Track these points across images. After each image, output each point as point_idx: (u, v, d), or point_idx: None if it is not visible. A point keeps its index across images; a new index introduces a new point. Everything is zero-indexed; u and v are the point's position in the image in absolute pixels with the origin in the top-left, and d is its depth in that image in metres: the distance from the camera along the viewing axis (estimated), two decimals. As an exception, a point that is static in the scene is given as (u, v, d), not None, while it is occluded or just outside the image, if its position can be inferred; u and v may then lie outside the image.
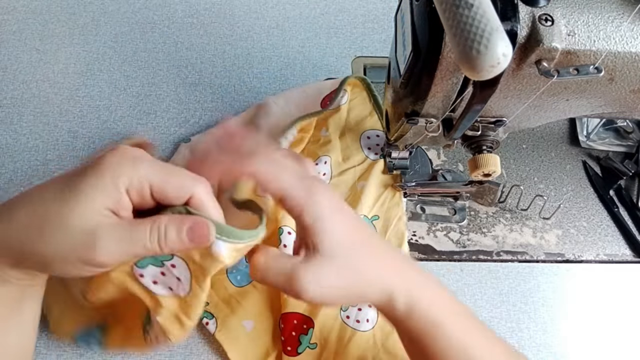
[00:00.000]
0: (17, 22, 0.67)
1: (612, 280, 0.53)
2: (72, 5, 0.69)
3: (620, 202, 0.57)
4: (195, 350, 0.48)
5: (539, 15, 0.33)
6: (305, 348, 0.47)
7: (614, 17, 0.34)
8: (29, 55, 0.64)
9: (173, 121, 0.61)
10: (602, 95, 0.39)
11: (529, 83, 0.36)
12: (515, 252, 0.54)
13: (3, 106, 0.60)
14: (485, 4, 0.26)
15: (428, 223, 0.55)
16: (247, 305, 0.49)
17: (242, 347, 0.47)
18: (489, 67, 0.25)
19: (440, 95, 0.38)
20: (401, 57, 0.39)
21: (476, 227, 0.55)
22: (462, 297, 0.51)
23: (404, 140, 0.48)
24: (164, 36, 0.67)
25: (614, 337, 0.50)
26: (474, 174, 0.44)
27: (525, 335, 0.50)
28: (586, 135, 0.60)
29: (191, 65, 0.65)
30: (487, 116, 0.41)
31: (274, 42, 0.67)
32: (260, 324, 0.48)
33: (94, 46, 0.65)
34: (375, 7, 0.71)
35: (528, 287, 0.52)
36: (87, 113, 0.61)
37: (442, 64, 0.34)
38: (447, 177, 0.56)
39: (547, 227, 0.55)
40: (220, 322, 0.48)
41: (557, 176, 0.59)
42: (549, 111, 0.42)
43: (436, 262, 0.53)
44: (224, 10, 0.70)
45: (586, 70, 0.33)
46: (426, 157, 0.58)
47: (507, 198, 0.56)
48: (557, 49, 0.33)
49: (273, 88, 0.64)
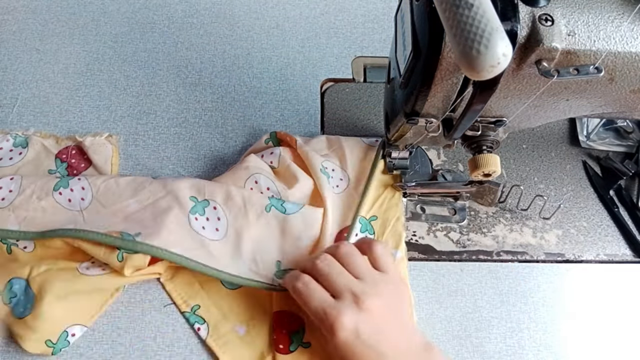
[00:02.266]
0: (17, 22, 0.67)
1: (612, 280, 0.53)
2: (72, 5, 0.69)
3: (620, 202, 0.57)
4: (196, 350, 0.48)
5: (539, 15, 0.33)
6: (297, 346, 0.47)
7: (614, 17, 0.34)
8: (29, 55, 0.64)
9: (173, 121, 0.61)
10: (602, 95, 0.39)
11: (529, 83, 0.36)
12: (515, 252, 0.54)
13: (3, 106, 0.60)
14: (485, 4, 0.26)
15: (428, 223, 0.55)
16: (239, 310, 0.49)
17: (236, 351, 0.47)
18: (489, 67, 0.25)
19: (440, 95, 0.38)
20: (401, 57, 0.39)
21: (476, 227, 0.55)
22: (462, 297, 0.52)
23: (404, 140, 0.48)
24: (164, 36, 0.67)
25: (614, 337, 0.50)
26: (474, 174, 0.44)
27: (525, 335, 0.50)
28: (586, 135, 0.60)
29: (191, 65, 0.65)
30: (487, 116, 0.41)
31: (274, 42, 0.67)
32: (253, 328, 0.48)
33: (94, 46, 0.66)
34: (375, 7, 0.71)
35: (528, 287, 0.52)
36: (87, 113, 0.61)
37: (442, 64, 0.34)
38: (447, 177, 0.56)
39: (547, 227, 0.55)
40: (212, 327, 0.48)
41: (557, 176, 0.59)
42: (549, 111, 0.42)
43: (436, 262, 0.53)
44: (224, 10, 0.70)
45: (586, 70, 0.33)
46: (426, 157, 0.58)
47: (507, 198, 0.56)
48: (557, 49, 0.33)
49: (273, 88, 0.64)
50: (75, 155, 0.56)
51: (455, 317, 0.51)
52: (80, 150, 0.57)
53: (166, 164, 0.58)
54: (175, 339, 0.48)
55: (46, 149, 0.56)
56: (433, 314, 0.51)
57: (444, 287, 0.52)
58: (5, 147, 0.56)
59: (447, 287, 0.52)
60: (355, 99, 0.63)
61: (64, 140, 0.57)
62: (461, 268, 0.53)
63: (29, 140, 0.57)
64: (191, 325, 0.48)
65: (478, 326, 0.50)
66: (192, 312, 0.49)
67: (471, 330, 0.50)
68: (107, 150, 0.56)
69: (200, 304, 0.49)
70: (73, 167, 0.55)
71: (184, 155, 0.58)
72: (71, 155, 0.56)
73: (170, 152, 0.59)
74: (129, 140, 0.59)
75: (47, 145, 0.56)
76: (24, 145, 0.56)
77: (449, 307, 0.51)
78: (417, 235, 0.54)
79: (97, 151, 0.56)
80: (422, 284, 0.52)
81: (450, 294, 0.52)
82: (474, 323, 0.51)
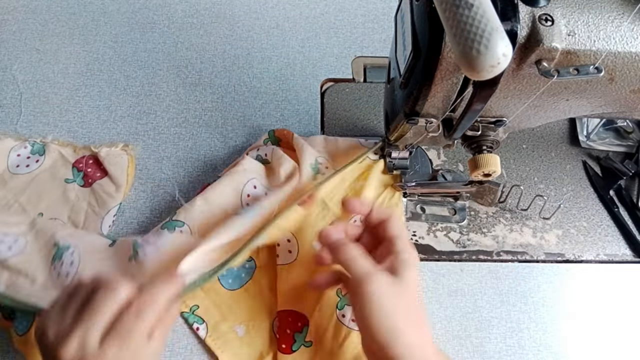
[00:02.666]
0: (17, 22, 0.67)
1: (612, 280, 0.53)
2: (72, 5, 0.69)
3: (620, 202, 0.57)
4: (196, 350, 0.48)
5: (539, 15, 0.33)
6: (300, 346, 0.47)
7: (614, 17, 0.34)
8: (29, 55, 0.64)
9: (173, 121, 0.61)
10: (602, 95, 0.39)
11: (529, 83, 0.36)
12: (515, 252, 0.54)
13: (3, 106, 0.60)
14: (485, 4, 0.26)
15: (428, 223, 0.55)
16: (238, 310, 0.49)
17: (234, 351, 0.47)
18: (489, 67, 0.25)
19: (440, 95, 0.38)
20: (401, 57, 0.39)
21: (476, 227, 0.55)
22: (462, 297, 0.52)
23: (404, 140, 0.48)
24: (164, 36, 0.67)
25: (614, 337, 0.50)
26: (474, 174, 0.44)
27: (525, 335, 0.50)
28: (586, 135, 0.60)
29: (191, 65, 0.65)
30: (487, 116, 0.41)
31: (274, 42, 0.67)
32: (252, 328, 0.48)
33: (94, 46, 0.66)
34: (375, 7, 0.71)
35: (528, 287, 0.52)
36: (87, 113, 0.61)
37: (442, 64, 0.34)
38: (447, 177, 0.56)
39: (547, 227, 0.55)
40: (211, 327, 0.48)
41: (557, 176, 0.59)
42: (549, 111, 0.42)
43: (436, 262, 0.53)
44: (224, 10, 0.70)
45: (586, 70, 0.33)
46: (426, 157, 0.58)
47: (507, 198, 0.56)
48: (557, 49, 0.33)
49: (273, 88, 0.64)
50: (91, 165, 0.56)
51: (455, 317, 0.51)
52: (97, 160, 0.56)
53: (166, 164, 0.58)
54: (175, 339, 0.48)
55: (63, 157, 0.56)
56: (433, 314, 0.51)
57: (444, 287, 0.52)
58: (23, 154, 0.56)
59: (447, 287, 0.52)
60: (355, 99, 0.63)
61: (82, 150, 0.57)
62: (461, 268, 0.53)
63: (47, 148, 0.56)
64: (190, 326, 0.48)
65: (478, 326, 0.50)
66: (191, 312, 0.49)
67: (471, 330, 0.50)
68: (122, 160, 0.56)
69: (199, 305, 0.49)
70: (89, 177, 0.55)
71: (184, 155, 0.58)
72: (87, 165, 0.56)
73: (170, 152, 0.59)
74: (129, 141, 0.59)
75: (64, 154, 0.56)
76: (41, 153, 0.56)
77: (449, 307, 0.51)
78: (417, 235, 0.54)
79: (113, 162, 0.56)
80: (422, 284, 0.52)
81: (450, 294, 0.52)
82: (474, 323, 0.51)
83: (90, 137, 0.59)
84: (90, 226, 0.53)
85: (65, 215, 0.53)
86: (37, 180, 0.55)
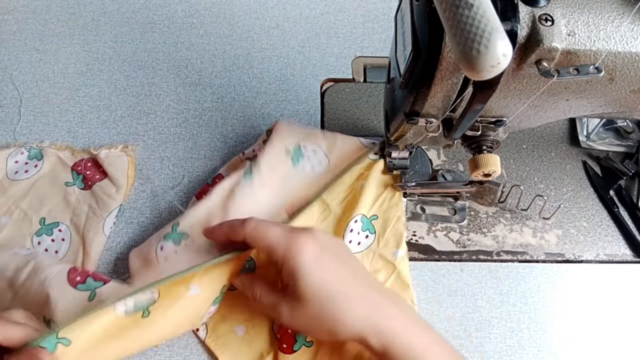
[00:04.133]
0: (17, 22, 0.67)
1: (612, 280, 0.53)
2: (72, 5, 0.69)
3: (620, 202, 0.57)
4: (195, 350, 0.48)
5: (539, 15, 0.33)
6: (301, 346, 0.47)
7: (614, 17, 0.34)
8: (29, 55, 0.64)
9: (173, 121, 0.61)
10: (602, 95, 0.39)
11: (529, 83, 0.36)
12: (515, 252, 0.54)
13: (3, 106, 0.60)
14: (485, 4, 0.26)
15: (428, 223, 0.55)
16: (238, 310, 0.49)
17: (234, 351, 0.47)
18: (489, 67, 0.25)
19: (440, 95, 0.38)
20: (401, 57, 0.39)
21: (476, 227, 0.55)
22: (462, 297, 0.52)
23: (404, 140, 0.48)
24: (164, 36, 0.67)
25: (613, 337, 0.50)
26: (474, 174, 0.44)
27: (525, 335, 0.50)
28: (586, 135, 0.60)
29: (191, 65, 0.65)
30: (487, 116, 0.41)
31: (274, 42, 0.67)
32: (252, 329, 0.48)
33: (94, 46, 0.66)
34: (375, 7, 0.71)
35: (528, 287, 0.52)
36: (87, 113, 0.61)
37: (442, 64, 0.34)
38: (447, 177, 0.56)
39: (547, 227, 0.55)
40: (211, 328, 0.48)
41: (557, 176, 0.59)
42: (549, 111, 0.42)
43: (436, 262, 0.53)
44: (224, 10, 0.70)
45: (586, 70, 0.33)
46: (426, 157, 0.58)
47: (507, 198, 0.56)
48: (557, 49, 0.33)
49: (273, 88, 0.64)
50: (90, 167, 0.56)
51: (455, 317, 0.51)
52: (96, 162, 0.56)
53: (166, 164, 0.58)
54: (175, 339, 0.48)
55: (62, 161, 0.56)
56: (433, 314, 0.51)
57: (444, 287, 0.52)
58: (21, 160, 0.56)
59: (447, 287, 0.52)
60: (355, 99, 0.63)
61: (80, 153, 0.57)
62: (461, 268, 0.53)
63: (44, 153, 0.56)
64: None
65: (478, 326, 0.50)
66: None
67: (471, 330, 0.50)
68: (122, 162, 0.56)
69: None
70: (88, 179, 0.55)
71: (184, 155, 0.58)
72: (86, 167, 0.56)
73: (170, 152, 0.59)
74: (129, 140, 0.59)
75: (62, 158, 0.56)
76: (39, 158, 0.56)
77: (449, 307, 0.51)
78: (417, 235, 0.54)
79: (113, 163, 0.56)
80: (422, 284, 0.52)
81: (450, 294, 0.52)
82: (474, 323, 0.51)
83: (90, 137, 0.59)
84: (91, 228, 0.53)
85: (67, 218, 0.53)
86: (38, 185, 0.54)
